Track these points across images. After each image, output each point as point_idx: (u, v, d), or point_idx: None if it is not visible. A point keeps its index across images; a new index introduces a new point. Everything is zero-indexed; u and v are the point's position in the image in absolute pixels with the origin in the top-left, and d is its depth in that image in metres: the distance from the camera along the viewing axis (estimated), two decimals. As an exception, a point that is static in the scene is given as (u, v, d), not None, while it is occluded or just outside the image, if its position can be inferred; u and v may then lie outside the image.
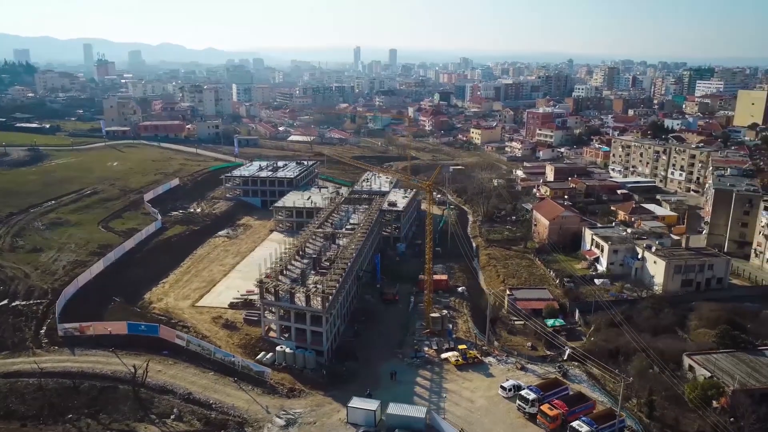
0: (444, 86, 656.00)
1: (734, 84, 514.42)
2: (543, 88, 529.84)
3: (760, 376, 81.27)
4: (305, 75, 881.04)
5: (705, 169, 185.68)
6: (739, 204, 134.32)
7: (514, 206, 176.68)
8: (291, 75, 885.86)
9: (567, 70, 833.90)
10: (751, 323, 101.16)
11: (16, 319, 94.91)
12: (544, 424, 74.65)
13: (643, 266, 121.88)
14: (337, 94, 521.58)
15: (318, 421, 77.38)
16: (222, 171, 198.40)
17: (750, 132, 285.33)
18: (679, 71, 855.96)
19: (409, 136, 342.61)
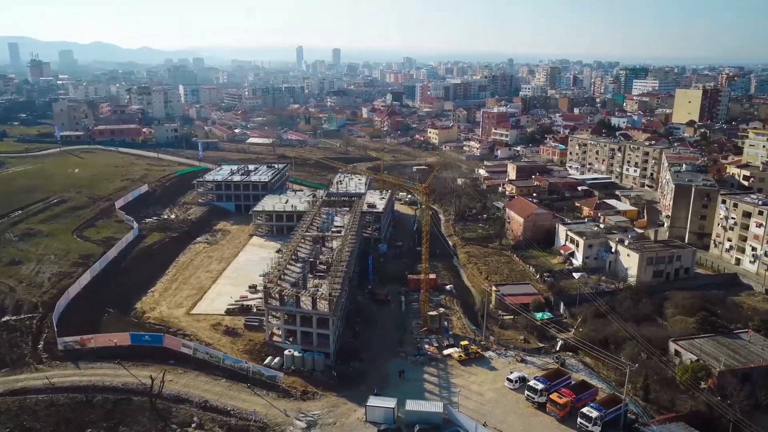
0: (391, 86, 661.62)
1: (667, 83, 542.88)
2: (490, 87, 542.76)
3: (741, 357, 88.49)
4: (250, 75, 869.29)
5: (658, 165, 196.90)
6: (698, 198, 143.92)
7: (484, 205, 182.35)
8: (235, 75, 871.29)
9: (508, 70, 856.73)
10: (720, 309, 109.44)
11: (10, 334, 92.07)
12: (554, 411, 79.11)
13: (616, 259, 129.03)
14: (287, 95, 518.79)
15: (337, 421, 79.21)
16: (189, 176, 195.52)
17: (689, 129, 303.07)
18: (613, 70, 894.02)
19: (366, 136, 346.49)
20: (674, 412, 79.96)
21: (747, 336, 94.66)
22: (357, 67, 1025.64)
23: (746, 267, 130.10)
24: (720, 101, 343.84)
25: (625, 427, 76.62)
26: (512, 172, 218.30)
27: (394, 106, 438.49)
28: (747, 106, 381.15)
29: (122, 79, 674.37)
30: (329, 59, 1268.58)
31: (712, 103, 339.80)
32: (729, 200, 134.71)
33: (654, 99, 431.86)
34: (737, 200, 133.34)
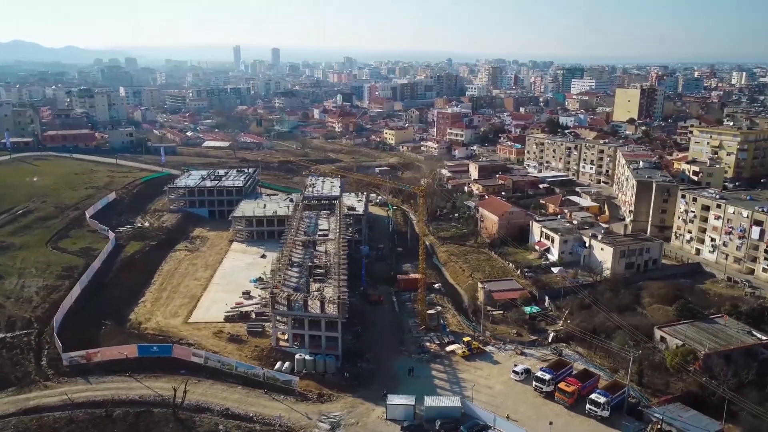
0: (336, 86, 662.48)
1: (602, 82, 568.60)
2: (435, 87, 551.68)
3: (720, 340, 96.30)
4: (188, 76, 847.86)
5: (613, 163, 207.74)
6: (659, 193, 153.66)
7: (453, 204, 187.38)
8: (173, 76, 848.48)
9: (448, 69, 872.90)
10: (690, 297, 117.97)
11: (10, 352, 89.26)
12: (563, 399, 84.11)
13: (590, 253, 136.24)
14: (234, 96, 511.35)
15: (359, 421, 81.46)
16: (155, 182, 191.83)
17: (630, 126, 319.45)
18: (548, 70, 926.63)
19: (321, 138, 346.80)
20: (669, 394, 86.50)
21: (722, 320, 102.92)
22: (298, 67, 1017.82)
23: (706, 257, 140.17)
24: (656, 100, 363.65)
25: (629, 411, 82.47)
26: (474, 171, 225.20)
27: (345, 106, 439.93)
28: (679, 104, 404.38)
29: (53, 80, 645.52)
30: (268, 59, 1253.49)
31: (649, 101, 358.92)
32: (689, 195, 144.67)
33: (593, 98, 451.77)
34: (696, 195, 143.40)
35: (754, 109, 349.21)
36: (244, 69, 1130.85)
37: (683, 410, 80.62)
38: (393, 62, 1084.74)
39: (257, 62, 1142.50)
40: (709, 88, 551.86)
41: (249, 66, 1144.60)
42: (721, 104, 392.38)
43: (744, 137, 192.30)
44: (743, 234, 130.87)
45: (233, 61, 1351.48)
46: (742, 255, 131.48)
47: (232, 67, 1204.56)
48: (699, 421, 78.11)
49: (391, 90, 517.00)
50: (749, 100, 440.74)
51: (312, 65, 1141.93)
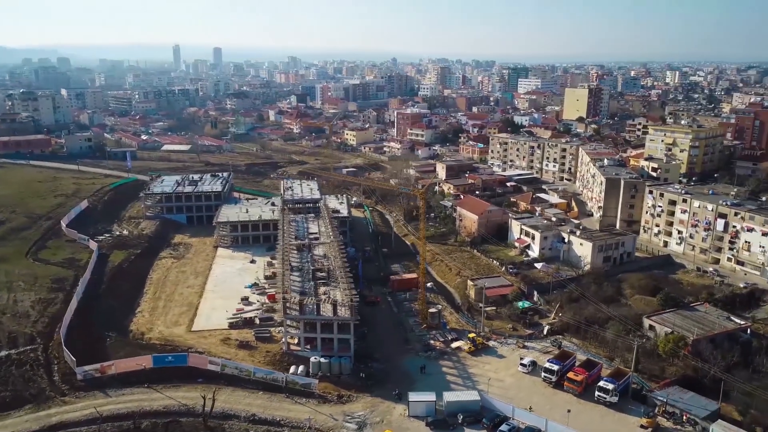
0: (285, 86, 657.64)
1: (547, 81, 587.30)
2: (387, 87, 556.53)
3: (704, 326, 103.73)
4: (129, 76, 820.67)
5: (575, 161, 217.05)
6: (627, 190, 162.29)
7: (428, 204, 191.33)
8: (113, 76, 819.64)
9: (394, 68, 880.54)
10: (667, 287, 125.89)
11: (19, 369, 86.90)
12: (572, 388, 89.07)
13: (569, 249, 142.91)
14: (182, 98, 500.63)
15: (383, 419, 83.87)
16: (124, 188, 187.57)
17: (580, 125, 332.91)
18: (491, 69, 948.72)
19: (279, 139, 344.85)
20: (664, 379, 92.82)
21: (703, 308, 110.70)
22: (242, 67, 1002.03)
23: (673, 248, 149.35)
24: (602, 99, 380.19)
25: (633, 396, 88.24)
26: (442, 171, 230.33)
27: (300, 107, 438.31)
28: (622, 103, 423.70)
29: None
30: (210, 58, 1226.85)
31: (596, 100, 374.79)
32: (656, 191, 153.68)
33: (541, 97, 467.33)
34: (663, 190, 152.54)
35: (693, 108, 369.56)
36: (185, 69, 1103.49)
37: (682, 393, 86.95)
38: (339, 62, 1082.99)
39: (199, 62, 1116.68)
40: (646, 86, 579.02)
41: (190, 66, 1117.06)
42: (661, 102, 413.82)
43: (695, 135, 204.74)
44: (708, 226, 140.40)
45: (173, 60, 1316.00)
46: (708, 246, 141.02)
47: (172, 67, 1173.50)
48: (698, 402, 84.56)
49: (344, 90, 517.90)
50: (685, 98, 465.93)
51: (255, 65, 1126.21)
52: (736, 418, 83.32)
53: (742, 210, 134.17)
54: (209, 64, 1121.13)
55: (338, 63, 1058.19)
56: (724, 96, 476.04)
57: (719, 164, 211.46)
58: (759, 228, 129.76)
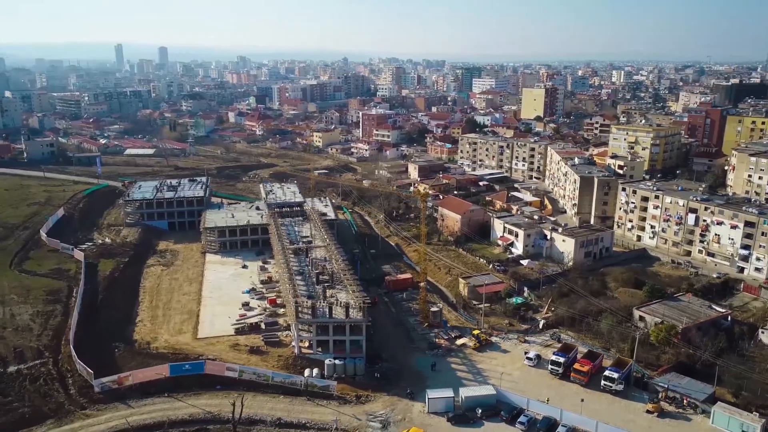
0: (240, 87, 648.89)
1: (500, 81, 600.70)
2: (344, 88, 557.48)
3: (690, 315, 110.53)
4: (72, 77, 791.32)
5: (544, 159, 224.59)
6: (600, 187, 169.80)
7: (406, 204, 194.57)
8: (54, 77, 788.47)
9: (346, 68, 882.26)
10: (647, 279, 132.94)
11: (33, 384, 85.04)
12: (578, 378, 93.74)
13: (552, 245, 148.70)
14: (135, 99, 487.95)
15: (404, 417, 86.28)
16: (97, 195, 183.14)
17: (539, 124, 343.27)
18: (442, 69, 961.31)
19: (242, 142, 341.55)
20: (660, 366, 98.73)
21: (686, 298, 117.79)
22: (191, 67, 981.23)
23: (646, 242, 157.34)
24: (557, 98, 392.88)
25: (635, 383, 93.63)
26: (414, 171, 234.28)
27: (259, 109, 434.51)
28: (576, 102, 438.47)
29: None
30: (154, 58, 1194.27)
31: (552, 100, 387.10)
32: (629, 188, 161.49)
33: (497, 96, 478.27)
34: (636, 187, 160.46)
35: (644, 106, 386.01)
36: (130, 69, 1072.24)
37: (679, 378, 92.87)
38: (290, 61, 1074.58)
39: (144, 62, 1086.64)
40: (594, 85, 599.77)
41: (135, 66, 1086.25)
42: (612, 102, 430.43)
43: (656, 134, 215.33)
44: (680, 221, 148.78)
45: (115, 60, 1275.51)
46: (680, 239, 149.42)
47: (115, 67, 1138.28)
48: (695, 386, 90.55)
49: (301, 91, 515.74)
50: (632, 97, 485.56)
51: (203, 65, 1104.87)
52: (730, 399, 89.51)
53: (711, 205, 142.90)
54: (155, 64, 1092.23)
55: (289, 63, 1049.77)
56: (668, 95, 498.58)
57: (677, 161, 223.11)
58: (728, 221, 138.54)
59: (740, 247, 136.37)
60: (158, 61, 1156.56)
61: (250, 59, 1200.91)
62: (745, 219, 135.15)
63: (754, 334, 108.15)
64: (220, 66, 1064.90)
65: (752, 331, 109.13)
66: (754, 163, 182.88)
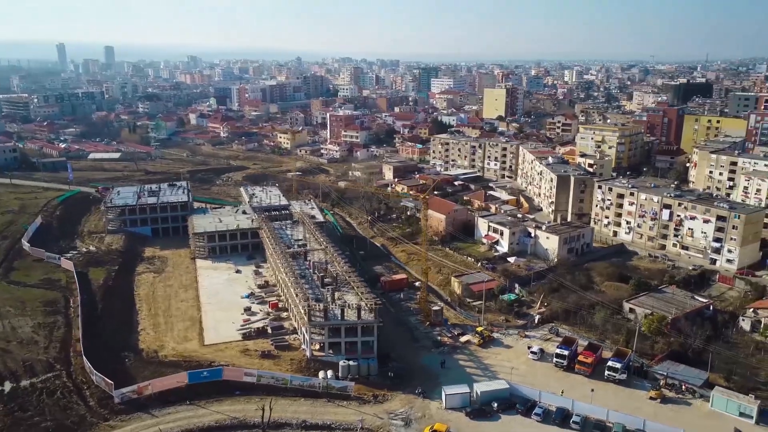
0: (195, 87, 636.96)
1: (457, 81, 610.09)
2: (304, 88, 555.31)
3: (676, 305, 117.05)
4: (15, 78, 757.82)
5: (515, 159, 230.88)
6: (577, 185, 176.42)
7: (387, 205, 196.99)
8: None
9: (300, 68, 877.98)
10: (628, 272, 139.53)
11: (51, 397, 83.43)
12: (583, 370, 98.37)
13: (536, 242, 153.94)
14: (88, 101, 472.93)
15: (424, 414, 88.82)
16: (71, 201, 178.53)
17: (502, 123, 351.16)
18: (396, 68, 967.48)
19: (207, 144, 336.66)
20: (655, 355, 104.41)
21: (670, 290, 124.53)
22: (141, 68, 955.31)
23: (622, 237, 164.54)
24: (517, 98, 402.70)
25: (635, 372, 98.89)
26: (389, 172, 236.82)
27: (220, 110, 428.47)
28: (534, 102, 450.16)
29: None
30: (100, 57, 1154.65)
31: (513, 99, 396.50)
32: (605, 185, 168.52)
33: (457, 96, 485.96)
34: (611, 185, 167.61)
35: (601, 105, 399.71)
36: (75, 69, 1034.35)
37: (675, 366, 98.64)
38: (243, 61, 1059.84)
39: (89, 62, 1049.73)
40: (547, 85, 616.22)
41: (80, 66, 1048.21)
42: (569, 101, 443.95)
43: (621, 133, 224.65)
44: (655, 216, 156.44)
45: (57, 60, 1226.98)
46: (655, 234, 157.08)
47: (58, 67, 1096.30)
48: (690, 373, 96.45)
49: (261, 92, 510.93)
50: (586, 96, 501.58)
51: (151, 64, 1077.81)
52: (722, 384, 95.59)
53: (685, 200, 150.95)
54: (101, 64, 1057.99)
55: (242, 62, 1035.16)
56: (619, 94, 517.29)
57: (641, 159, 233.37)
58: (700, 216, 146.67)
59: (712, 240, 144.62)
60: (104, 61, 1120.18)
61: (201, 59, 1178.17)
62: (717, 214, 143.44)
63: (735, 321, 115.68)
64: (170, 66, 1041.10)
65: (733, 318, 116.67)
66: (715, 160, 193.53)
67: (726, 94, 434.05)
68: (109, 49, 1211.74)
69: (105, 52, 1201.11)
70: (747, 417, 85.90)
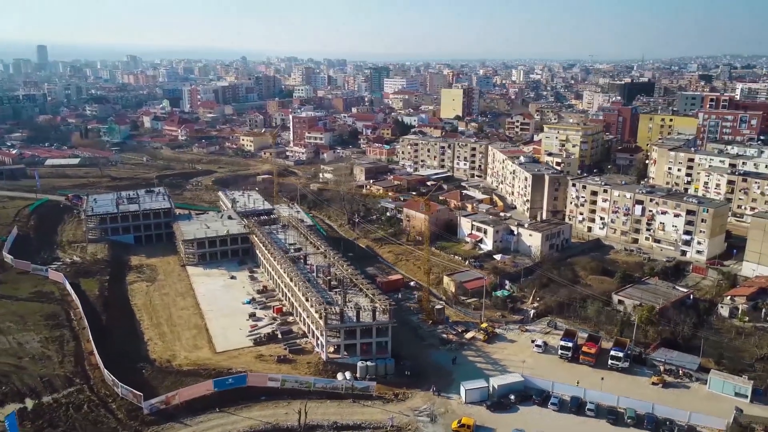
0: (142, 88, 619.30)
1: (409, 81, 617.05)
2: (256, 89, 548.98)
3: (662, 296, 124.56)
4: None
5: (485, 158, 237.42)
6: (551, 184, 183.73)
7: (365, 207, 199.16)
8: None
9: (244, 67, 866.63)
10: (609, 266, 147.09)
11: (78, 412, 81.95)
12: (587, 360, 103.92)
13: (519, 240, 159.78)
14: (30, 104, 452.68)
15: (446, 409, 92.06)
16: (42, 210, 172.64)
17: (461, 123, 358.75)
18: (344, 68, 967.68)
19: (165, 147, 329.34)
20: (648, 343, 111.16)
21: (653, 281, 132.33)
22: (80, 68, 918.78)
23: (596, 233, 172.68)
24: (473, 98, 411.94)
25: (634, 360, 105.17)
26: (360, 173, 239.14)
27: (175, 112, 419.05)
28: (488, 101, 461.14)
29: None
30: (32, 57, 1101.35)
31: (469, 99, 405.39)
32: (579, 183, 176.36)
33: (412, 96, 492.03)
34: (585, 183, 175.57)
35: (553, 105, 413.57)
36: (4, 70, 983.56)
37: (669, 352, 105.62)
38: (186, 61, 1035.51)
39: (21, 62, 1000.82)
40: (497, 84, 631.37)
41: (10, 66, 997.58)
42: (522, 100, 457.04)
43: (584, 132, 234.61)
44: (627, 212, 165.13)
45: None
46: (628, 228, 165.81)
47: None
48: (684, 358, 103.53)
49: (213, 93, 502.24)
50: (536, 96, 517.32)
51: (88, 64, 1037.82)
52: (713, 367, 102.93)
53: (656, 196, 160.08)
54: (34, 64, 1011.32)
55: (186, 62, 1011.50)
56: (567, 93, 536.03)
57: (602, 157, 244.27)
58: (671, 211, 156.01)
59: (683, 233, 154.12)
60: (37, 61, 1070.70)
61: (142, 59, 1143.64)
62: (686, 208, 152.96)
63: (714, 309, 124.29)
64: (109, 66, 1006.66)
65: (712, 306, 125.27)
66: (673, 156, 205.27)
67: (665, 93, 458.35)
68: (42, 49, 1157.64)
69: (38, 52, 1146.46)
70: (742, 396, 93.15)
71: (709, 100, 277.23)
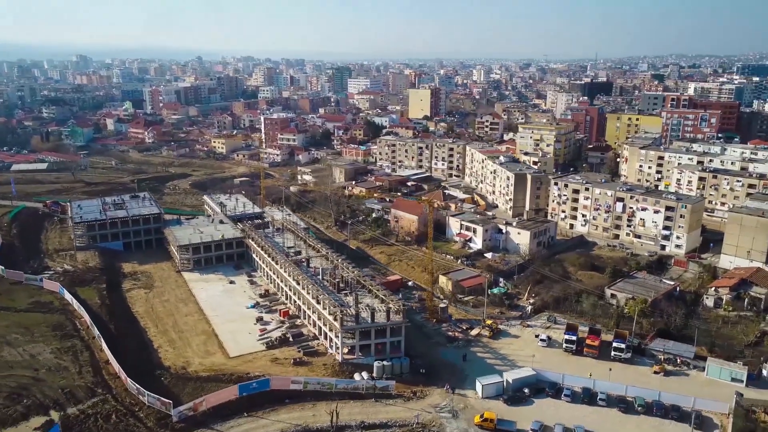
0: (98, 89, 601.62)
1: (373, 81, 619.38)
2: (219, 90, 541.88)
3: (652, 289, 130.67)
4: None
5: (462, 158, 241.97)
6: (534, 183, 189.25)
7: (351, 208, 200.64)
8: None
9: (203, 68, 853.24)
10: (595, 262, 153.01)
11: (107, 423, 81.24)
12: (591, 352, 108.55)
13: (507, 238, 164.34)
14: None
15: (465, 405, 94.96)
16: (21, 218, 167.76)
17: (431, 123, 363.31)
18: (302, 67, 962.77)
19: (132, 150, 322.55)
20: (644, 334, 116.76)
21: (641, 275, 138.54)
22: (27, 68, 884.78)
23: (578, 230, 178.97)
24: (441, 98, 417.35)
25: (634, 350, 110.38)
26: (340, 175, 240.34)
27: (138, 113, 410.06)
28: (454, 101, 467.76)
29: None
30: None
31: (436, 100, 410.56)
32: (560, 182, 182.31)
33: (378, 96, 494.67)
34: (567, 181, 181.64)
35: (520, 105, 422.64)
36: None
37: (665, 342, 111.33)
38: (140, 60, 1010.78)
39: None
40: (458, 84, 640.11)
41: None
42: (487, 100, 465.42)
43: (558, 131, 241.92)
44: (608, 209, 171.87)
45: None
46: (609, 225, 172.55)
47: None
48: (680, 348, 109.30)
49: (175, 94, 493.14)
50: (499, 96, 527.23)
51: (34, 64, 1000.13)
52: (707, 355, 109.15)
53: (636, 194, 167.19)
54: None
55: (140, 62, 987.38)
56: (528, 92, 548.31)
57: (574, 155, 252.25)
58: (651, 207, 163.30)
59: (662, 228, 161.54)
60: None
61: (92, 58, 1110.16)
62: (665, 205, 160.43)
63: (699, 300, 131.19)
64: (57, 66, 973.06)
65: (697, 297, 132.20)
66: (644, 155, 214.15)
67: (621, 92, 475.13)
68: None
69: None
70: (738, 381, 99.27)
71: (671, 100, 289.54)
